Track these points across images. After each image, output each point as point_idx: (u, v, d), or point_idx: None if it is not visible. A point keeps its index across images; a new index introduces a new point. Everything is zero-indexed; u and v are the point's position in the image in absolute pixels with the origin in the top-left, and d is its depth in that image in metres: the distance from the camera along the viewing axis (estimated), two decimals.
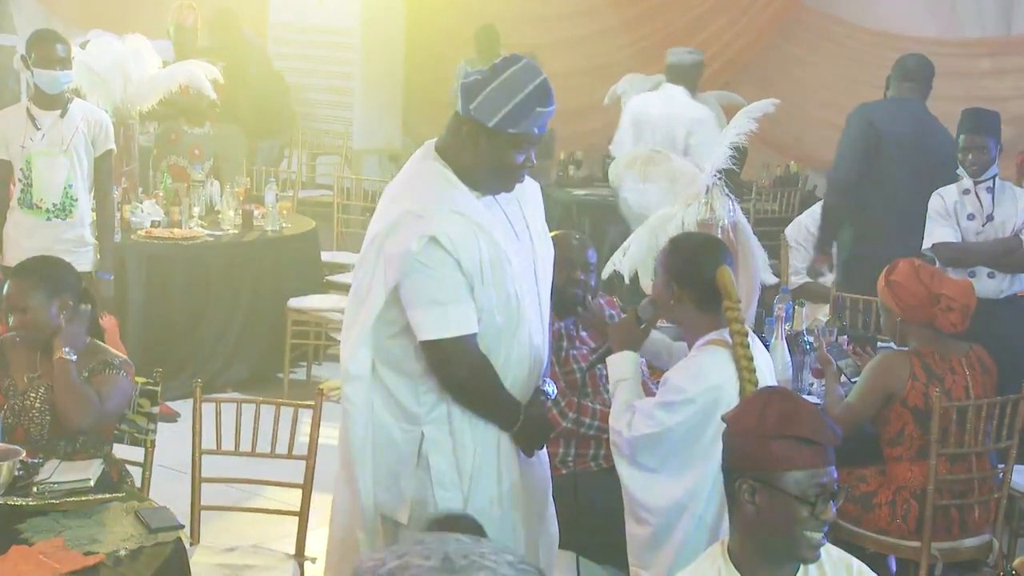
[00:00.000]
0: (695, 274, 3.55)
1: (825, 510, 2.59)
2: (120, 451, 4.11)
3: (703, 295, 3.54)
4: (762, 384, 3.42)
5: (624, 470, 3.56)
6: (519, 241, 3.44)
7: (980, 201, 5.73)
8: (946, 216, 5.77)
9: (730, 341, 3.48)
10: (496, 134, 3.30)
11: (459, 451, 3.38)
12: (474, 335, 3.30)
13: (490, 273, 3.29)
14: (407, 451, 3.38)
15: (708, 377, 3.46)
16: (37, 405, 3.83)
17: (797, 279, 6.44)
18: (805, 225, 6.50)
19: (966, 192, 5.77)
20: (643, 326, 3.71)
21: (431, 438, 3.36)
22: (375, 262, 3.32)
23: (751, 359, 3.43)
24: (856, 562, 2.76)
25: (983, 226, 5.72)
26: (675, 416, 3.45)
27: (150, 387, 4.11)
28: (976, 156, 5.72)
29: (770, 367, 3.70)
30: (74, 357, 3.78)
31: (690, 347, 3.62)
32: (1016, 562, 2.93)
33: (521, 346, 3.40)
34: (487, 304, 3.31)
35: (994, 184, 5.75)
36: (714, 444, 3.21)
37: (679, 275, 3.58)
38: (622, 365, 3.67)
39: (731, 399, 3.37)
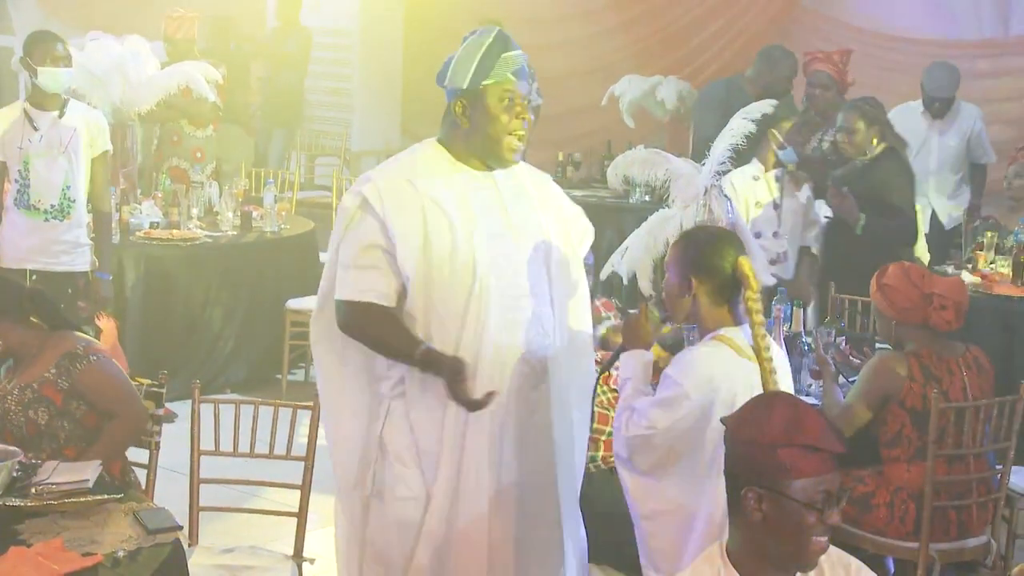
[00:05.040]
0: (713, 265, 3.45)
1: (832, 514, 2.59)
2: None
3: (719, 287, 3.45)
4: (779, 380, 3.38)
5: (621, 471, 3.52)
6: (509, 225, 3.43)
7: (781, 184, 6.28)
8: None
9: (735, 339, 3.42)
10: (476, 93, 3.39)
11: (417, 429, 3.41)
12: (381, 306, 3.34)
13: (438, 247, 3.33)
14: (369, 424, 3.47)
15: (702, 371, 3.39)
16: (14, 407, 3.82)
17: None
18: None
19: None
20: (665, 324, 3.67)
21: (393, 412, 3.43)
22: None
23: (769, 348, 3.37)
24: (855, 561, 2.77)
25: (774, 209, 6.20)
26: (671, 414, 3.38)
27: (154, 389, 4.11)
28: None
29: (786, 365, 3.63)
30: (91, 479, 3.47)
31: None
32: (1015, 570, 2.93)
33: (487, 331, 3.37)
34: (437, 278, 3.33)
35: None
36: (716, 444, 3.20)
37: (696, 266, 3.46)
38: (629, 364, 3.59)
39: (730, 397, 3.32)
